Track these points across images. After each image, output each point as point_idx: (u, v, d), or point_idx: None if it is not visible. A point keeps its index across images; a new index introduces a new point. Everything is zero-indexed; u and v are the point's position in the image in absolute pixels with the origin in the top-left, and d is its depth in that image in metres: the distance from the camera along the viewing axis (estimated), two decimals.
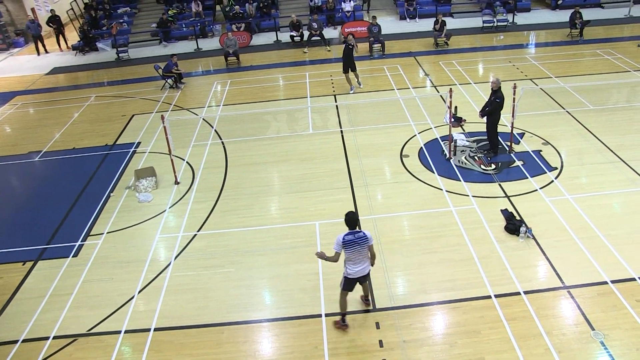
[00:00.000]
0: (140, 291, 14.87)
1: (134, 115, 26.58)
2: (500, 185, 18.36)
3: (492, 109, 19.46)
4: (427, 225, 16.59)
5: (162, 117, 19.33)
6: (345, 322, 13.00)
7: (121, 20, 41.62)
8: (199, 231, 17.21)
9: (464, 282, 14.20)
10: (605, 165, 19.01)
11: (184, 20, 41.01)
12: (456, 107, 22.89)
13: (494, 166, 19.49)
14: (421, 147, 21.03)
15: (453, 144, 20.34)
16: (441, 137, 21.59)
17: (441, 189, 18.31)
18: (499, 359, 11.95)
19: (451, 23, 37.16)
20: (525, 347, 12.16)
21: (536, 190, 17.90)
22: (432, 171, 19.38)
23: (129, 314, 14.11)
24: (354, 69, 26.85)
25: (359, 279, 12.49)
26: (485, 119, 20.03)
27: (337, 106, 25.38)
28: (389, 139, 21.82)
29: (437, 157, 20.32)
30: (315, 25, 35.34)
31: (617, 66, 28.22)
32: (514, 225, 15.92)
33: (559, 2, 40.10)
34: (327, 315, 13.46)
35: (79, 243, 17.18)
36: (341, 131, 22.89)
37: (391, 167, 19.95)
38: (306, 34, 35.91)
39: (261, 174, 20.24)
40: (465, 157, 20.11)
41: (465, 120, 22.80)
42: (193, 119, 25.39)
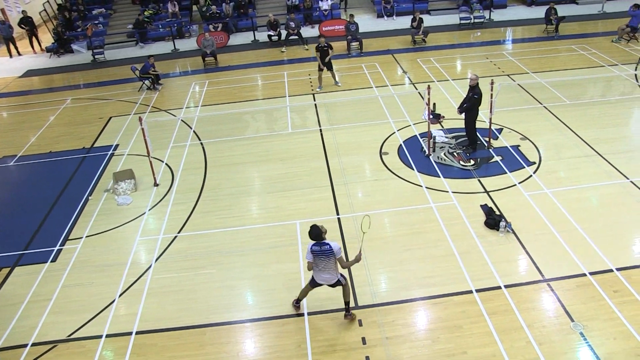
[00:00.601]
0: (121, 295, 14.77)
1: (111, 118, 26.41)
2: (479, 180, 18.44)
3: (471, 105, 19.54)
4: (408, 222, 16.64)
5: (140, 119, 19.23)
6: (298, 305, 13.53)
7: (96, 22, 41.29)
8: (179, 233, 17.14)
9: (444, 277, 14.25)
10: (582, 159, 19.16)
11: (160, 21, 40.81)
12: (435, 104, 22.97)
13: (473, 162, 19.57)
14: (400, 145, 21.08)
15: (432, 140, 20.40)
16: (420, 134, 21.66)
17: (421, 186, 18.36)
18: (481, 353, 12.01)
19: (428, 20, 37.28)
20: (506, 340, 12.23)
21: (515, 185, 18.01)
22: (412, 168, 19.43)
23: (109, 318, 14.01)
24: (330, 68, 26.98)
25: (324, 284, 12.77)
26: (463, 115, 20.11)
27: (315, 105, 25.39)
28: (368, 137, 21.86)
29: (416, 154, 20.38)
30: (292, 25, 35.31)
31: (592, 61, 28.44)
32: (493, 220, 16.00)
33: None
34: (309, 314, 13.46)
35: (57, 248, 17.02)
36: (320, 130, 22.90)
37: (371, 164, 19.98)
38: (284, 33, 35.87)
39: (241, 174, 20.20)
40: (445, 154, 20.18)
41: (444, 116, 22.88)
42: (171, 120, 25.29)
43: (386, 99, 25.33)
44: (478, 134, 20.45)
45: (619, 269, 14.03)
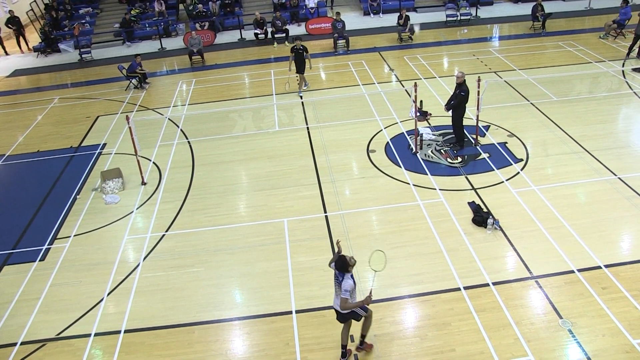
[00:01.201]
0: (109, 293, 14.75)
1: (98, 117, 26.32)
2: (466, 178, 18.49)
3: (458, 102, 19.60)
4: (395, 219, 16.67)
5: (128, 118, 19.19)
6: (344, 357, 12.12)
7: (83, 21, 41.10)
8: (167, 231, 17.12)
9: (432, 275, 14.29)
10: (569, 156, 19.23)
11: (147, 19, 40.68)
12: (421, 102, 22.99)
13: (460, 159, 19.62)
14: (387, 142, 21.11)
15: (419, 138, 20.43)
16: (407, 132, 21.67)
17: (408, 183, 18.39)
18: (470, 350, 12.05)
19: (415, 18, 37.39)
20: (495, 337, 12.27)
21: (502, 182, 18.06)
22: (399, 165, 19.46)
23: (98, 316, 13.99)
24: (302, 71, 26.43)
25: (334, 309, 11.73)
26: (450, 113, 20.16)
27: (302, 103, 25.37)
28: (355, 135, 21.87)
29: (403, 151, 20.40)
30: (279, 23, 35.27)
31: (579, 58, 28.56)
32: (481, 217, 16.05)
33: None
34: (297, 312, 13.46)
35: (45, 247, 16.99)
36: (307, 128, 22.90)
37: (358, 162, 20.00)
38: (270, 31, 35.82)
39: (228, 172, 20.18)
40: (432, 151, 20.21)
41: (431, 114, 22.92)
42: (158, 119, 25.23)
43: (373, 96, 25.35)
44: (465, 131, 20.48)
45: (607, 266, 14.10)
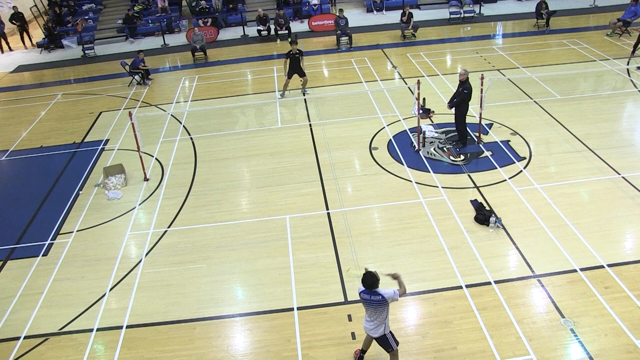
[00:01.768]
0: (111, 289, 14.77)
1: (101, 113, 26.34)
2: (469, 175, 18.46)
3: (460, 100, 19.55)
4: (397, 217, 16.65)
5: (130, 114, 19.19)
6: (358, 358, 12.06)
7: (86, 17, 41.17)
8: (169, 227, 17.12)
9: (434, 273, 14.27)
10: (573, 155, 19.18)
11: (150, 16, 40.75)
12: (424, 99, 22.98)
13: (462, 157, 19.59)
14: (390, 139, 21.08)
15: (422, 135, 20.41)
16: (410, 129, 21.65)
17: (411, 181, 18.37)
18: (471, 348, 12.03)
19: (418, 15, 37.29)
20: (496, 336, 12.25)
21: (505, 180, 18.03)
22: (402, 163, 19.43)
23: (100, 312, 14.01)
24: (302, 74, 25.73)
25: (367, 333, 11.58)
26: (453, 110, 20.12)
27: (305, 100, 25.36)
28: (357, 132, 21.86)
29: (406, 149, 20.38)
30: (282, 21, 35.26)
31: (584, 56, 28.49)
32: (483, 215, 16.02)
33: None
34: (299, 309, 13.46)
35: (48, 242, 17.02)
36: (310, 125, 22.89)
37: (360, 159, 19.98)
38: (273, 27, 35.81)
39: (230, 169, 20.18)
40: (434, 149, 20.19)
41: (434, 111, 22.89)
42: (161, 115, 25.25)
43: (376, 93, 25.32)
44: (468, 129, 20.46)
45: (610, 265, 14.05)
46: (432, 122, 22.30)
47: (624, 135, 20.32)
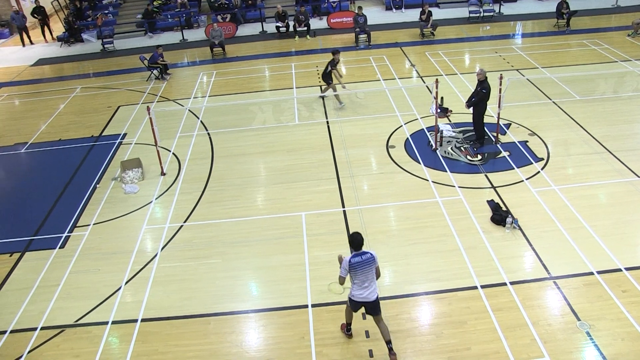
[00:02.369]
0: (127, 282, 14.83)
1: (119, 107, 26.46)
2: (486, 176, 18.39)
3: (478, 99, 19.47)
4: (413, 216, 16.61)
5: (148, 109, 19.25)
6: (350, 332, 12.49)
7: (106, 11, 41.44)
8: (185, 222, 17.17)
9: (450, 272, 14.23)
10: (591, 156, 19.06)
11: (169, 11, 40.87)
12: (442, 98, 22.91)
13: (480, 157, 19.51)
14: (407, 138, 21.04)
15: (439, 134, 20.36)
16: (427, 128, 21.59)
17: (427, 180, 18.32)
18: (485, 349, 11.98)
19: (437, 13, 37.20)
20: (511, 337, 12.19)
21: (522, 181, 17.94)
22: (418, 162, 19.39)
23: (115, 305, 14.07)
24: (329, 82, 24.87)
25: (364, 304, 11.73)
26: (471, 110, 20.05)
27: (323, 97, 25.31)
28: (375, 130, 21.82)
29: (423, 147, 20.32)
30: (302, 17, 35.26)
31: (604, 56, 28.30)
32: (500, 216, 15.94)
33: None
34: (313, 306, 13.46)
35: (65, 234, 17.11)
36: (327, 122, 22.87)
37: (377, 157, 19.95)
38: (292, 24, 35.83)
39: (247, 165, 20.21)
40: (452, 148, 20.12)
41: (452, 110, 22.82)
42: (179, 110, 25.30)
43: (394, 92, 25.27)
44: (486, 128, 20.37)
45: (627, 269, 13.92)
46: (450, 121, 22.23)
47: None
